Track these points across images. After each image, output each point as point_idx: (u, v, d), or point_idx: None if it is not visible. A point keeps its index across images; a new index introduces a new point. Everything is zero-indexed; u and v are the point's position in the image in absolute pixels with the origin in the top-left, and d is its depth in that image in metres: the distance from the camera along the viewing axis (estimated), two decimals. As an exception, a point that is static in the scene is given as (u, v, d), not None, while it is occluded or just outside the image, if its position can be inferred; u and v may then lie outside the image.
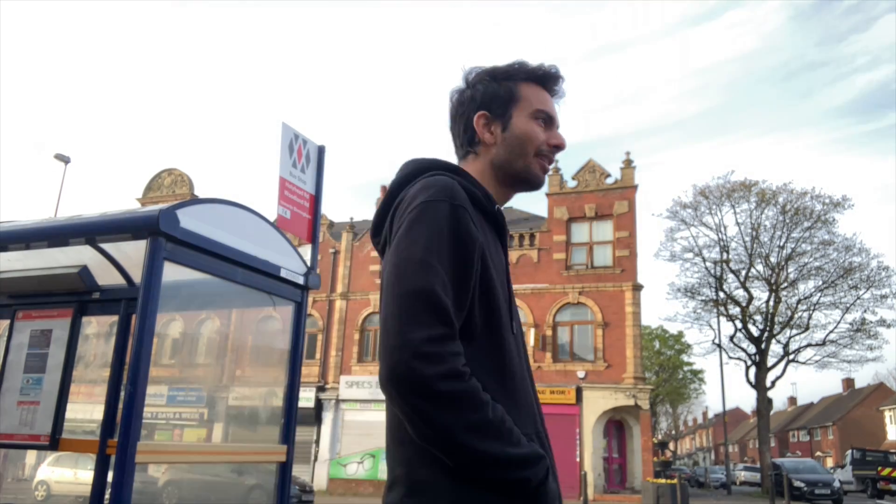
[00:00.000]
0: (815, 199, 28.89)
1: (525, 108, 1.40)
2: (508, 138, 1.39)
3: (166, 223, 2.74)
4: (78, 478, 14.69)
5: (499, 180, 1.42)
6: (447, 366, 1.07)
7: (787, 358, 30.20)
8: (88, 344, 3.74)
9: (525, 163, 1.40)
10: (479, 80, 1.44)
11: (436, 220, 1.18)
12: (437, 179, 1.25)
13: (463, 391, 1.07)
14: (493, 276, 1.23)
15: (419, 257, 1.14)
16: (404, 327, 1.08)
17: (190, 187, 30.24)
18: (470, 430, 1.07)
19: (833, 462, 52.87)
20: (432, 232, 1.16)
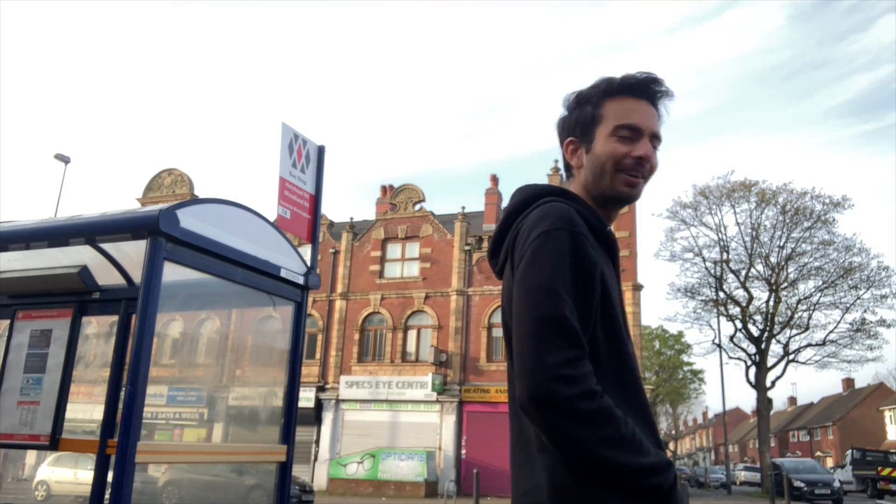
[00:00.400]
0: (815, 199, 28.91)
1: (606, 126, 1.42)
2: (590, 160, 1.43)
3: (166, 223, 2.74)
4: (78, 478, 14.69)
5: (593, 199, 1.45)
6: (583, 386, 1.16)
7: (787, 358, 30.19)
8: (88, 344, 3.74)
9: (608, 182, 1.41)
10: (569, 106, 1.49)
11: (559, 249, 1.24)
12: (554, 207, 1.32)
13: (598, 409, 1.16)
14: (613, 297, 1.31)
15: (548, 286, 1.21)
16: (541, 352, 1.17)
17: (190, 187, 30.25)
18: (606, 444, 1.15)
19: (833, 462, 52.87)
20: (557, 261, 1.23)
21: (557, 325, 1.18)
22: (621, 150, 1.39)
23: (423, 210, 28.19)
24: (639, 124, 1.40)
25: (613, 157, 1.40)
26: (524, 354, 1.19)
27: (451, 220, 28.17)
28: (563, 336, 1.18)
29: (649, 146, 1.42)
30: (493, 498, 22.25)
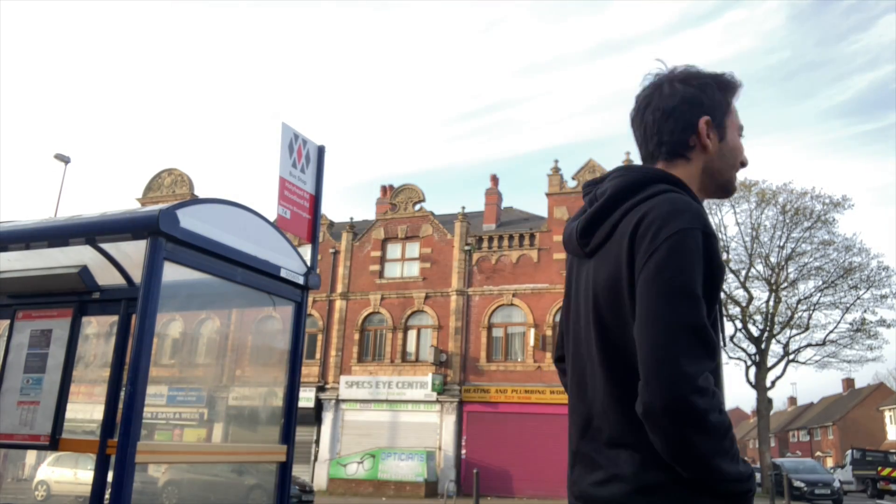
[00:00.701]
0: (814, 199, 28.92)
1: (734, 121, 1.45)
2: (724, 149, 1.42)
3: (166, 223, 2.74)
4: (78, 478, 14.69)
5: (703, 187, 1.44)
6: (715, 399, 1.16)
7: (787, 358, 30.20)
8: (88, 344, 3.74)
9: (732, 175, 1.45)
10: (705, 85, 1.43)
11: (696, 252, 1.21)
12: (683, 201, 1.27)
13: (722, 422, 1.17)
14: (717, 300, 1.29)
15: (690, 290, 1.19)
16: (681, 361, 1.15)
17: (190, 187, 30.26)
18: (721, 454, 1.17)
19: (833, 462, 52.88)
20: (695, 263, 1.21)
21: (698, 334, 1.17)
22: (741, 149, 1.46)
23: (423, 210, 28.19)
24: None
25: (741, 154, 1.45)
26: (661, 360, 1.16)
27: (451, 220, 28.17)
28: (703, 346, 1.17)
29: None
30: (493, 498, 22.26)
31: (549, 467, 22.61)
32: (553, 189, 25.99)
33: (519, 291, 25.33)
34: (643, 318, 1.20)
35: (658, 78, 1.47)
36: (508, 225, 29.21)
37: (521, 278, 25.44)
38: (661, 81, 1.45)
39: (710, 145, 1.41)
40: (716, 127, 1.41)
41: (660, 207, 1.26)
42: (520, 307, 25.29)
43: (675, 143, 1.41)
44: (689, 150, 1.41)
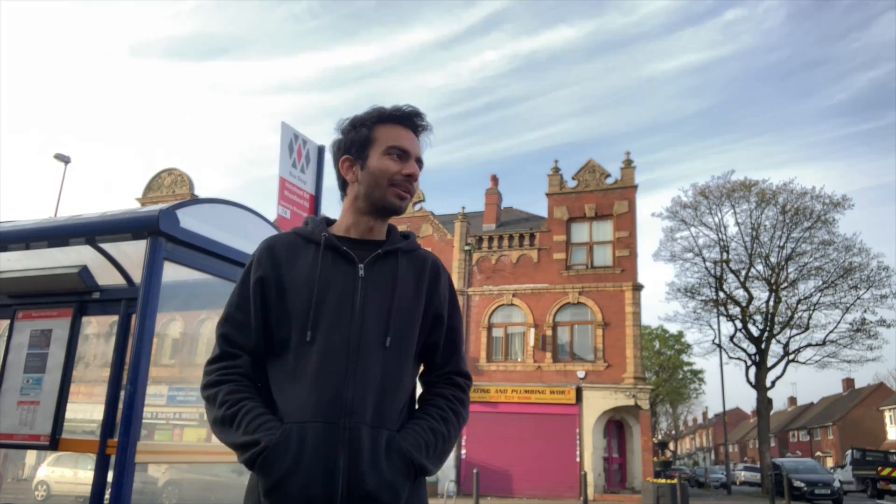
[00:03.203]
0: (814, 199, 28.92)
1: (379, 147, 1.62)
2: (365, 175, 1.62)
3: (166, 223, 2.74)
4: (78, 478, 14.68)
5: (362, 211, 1.64)
6: (205, 380, 1.51)
7: (787, 358, 30.20)
8: (88, 344, 3.73)
9: (380, 193, 1.61)
10: (344, 130, 1.68)
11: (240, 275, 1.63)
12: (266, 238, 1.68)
13: (208, 396, 1.50)
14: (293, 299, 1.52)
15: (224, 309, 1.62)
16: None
17: (190, 187, 30.25)
18: (214, 423, 1.47)
19: (833, 462, 52.86)
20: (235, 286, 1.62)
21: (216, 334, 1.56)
22: (393, 168, 1.61)
23: (423, 210, 28.18)
24: (407, 147, 1.63)
25: (387, 171, 1.60)
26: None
27: (451, 220, 28.15)
28: (216, 342, 1.55)
29: (416, 167, 1.64)
30: (493, 498, 22.25)
31: (549, 467, 22.61)
32: (553, 189, 25.98)
33: (519, 291, 25.32)
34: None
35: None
36: (508, 225, 29.19)
37: (521, 278, 25.42)
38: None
39: (352, 177, 1.64)
40: (358, 160, 1.63)
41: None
42: (520, 307, 25.28)
43: (339, 187, 1.71)
44: (346, 187, 1.67)
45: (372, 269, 1.59)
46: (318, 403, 1.43)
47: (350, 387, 1.46)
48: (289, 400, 1.45)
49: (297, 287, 1.53)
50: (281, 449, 1.39)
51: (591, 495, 20.69)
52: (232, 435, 1.42)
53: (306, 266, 1.55)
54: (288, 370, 1.48)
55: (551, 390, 23.47)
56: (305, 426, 1.41)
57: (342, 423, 1.42)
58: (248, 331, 1.53)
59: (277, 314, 1.52)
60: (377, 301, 1.55)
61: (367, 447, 1.42)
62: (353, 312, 1.52)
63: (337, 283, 1.54)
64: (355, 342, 1.50)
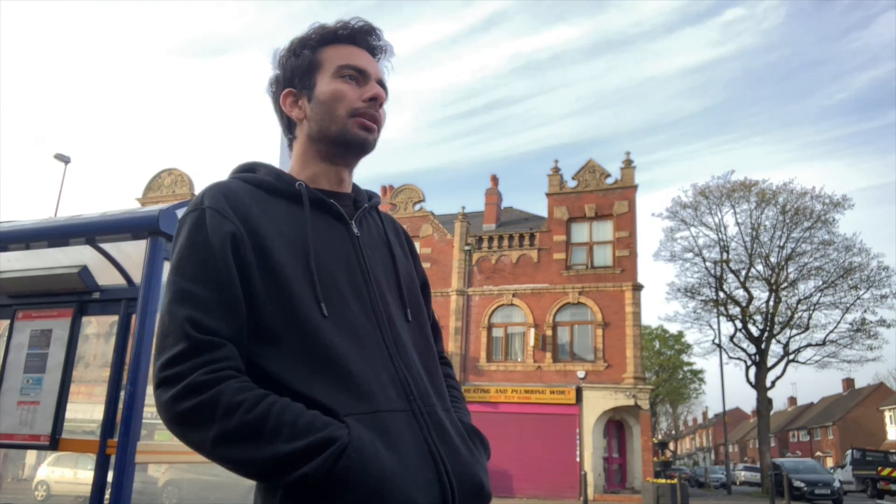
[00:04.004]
0: (814, 199, 28.94)
1: (327, 70, 1.28)
2: (315, 107, 1.28)
3: (166, 223, 2.74)
4: (78, 478, 14.68)
5: (322, 155, 1.30)
6: (183, 383, 1.01)
7: (787, 358, 30.22)
8: (88, 344, 3.74)
9: (339, 126, 1.26)
10: (280, 60, 1.34)
11: (181, 234, 1.15)
12: (205, 188, 1.23)
13: (200, 404, 1.00)
14: (281, 261, 1.13)
15: (169, 279, 1.12)
16: (154, 358, 1.08)
17: (190, 187, 30.26)
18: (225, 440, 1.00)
19: (833, 462, 52.88)
20: (178, 248, 1.14)
21: (165, 321, 1.07)
22: (350, 92, 1.27)
23: (423, 210, 28.19)
24: (363, 66, 1.29)
25: (342, 96, 1.26)
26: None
27: (451, 220, 28.16)
28: (171, 332, 1.05)
29: (380, 88, 1.29)
30: (493, 498, 22.25)
31: (549, 467, 22.60)
32: (553, 189, 25.98)
33: (519, 291, 25.32)
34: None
35: None
36: (508, 225, 29.20)
37: (521, 278, 25.42)
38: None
39: (299, 113, 1.31)
40: (303, 90, 1.30)
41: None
42: (520, 307, 25.28)
43: (285, 131, 1.36)
44: (294, 129, 1.33)
45: (362, 227, 1.30)
46: (379, 389, 1.11)
47: (401, 366, 1.17)
48: (328, 390, 1.07)
49: (282, 247, 1.15)
50: (369, 444, 1.02)
51: (591, 495, 20.69)
52: (266, 446, 0.98)
53: (284, 222, 1.18)
54: (304, 356, 1.09)
55: (551, 390, 23.47)
56: (379, 417, 1.08)
57: (416, 408, 1.14)
58: (224, 310, 1.09)
59: (263, 284, 1.12)
60: (381, 266, 1.28)
61: (453, 431, 1.18)
62: (366, 279, 1.22)
63: (333, 243, 1.22)
64: (383, 315, 1.20)
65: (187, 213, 1.17)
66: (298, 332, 1.10)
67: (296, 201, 1.22)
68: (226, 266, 1.10)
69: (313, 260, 1.16)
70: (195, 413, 1.00)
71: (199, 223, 1.13)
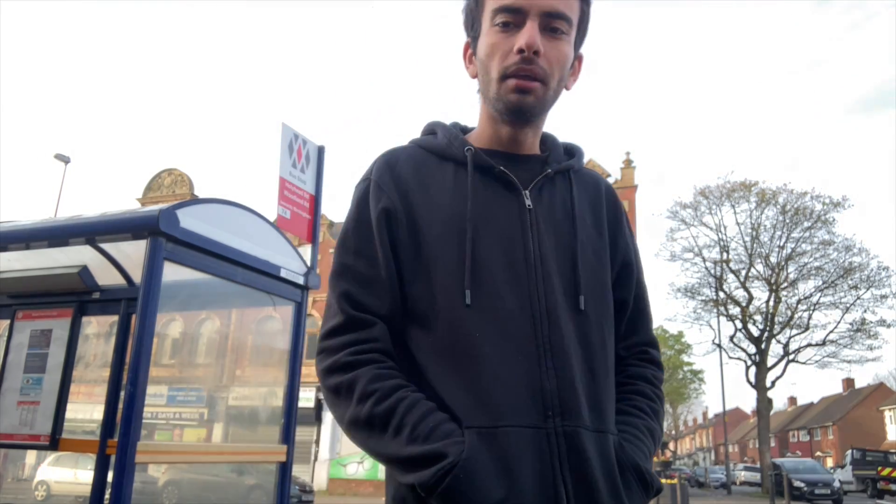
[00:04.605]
0: (814, 199, 28.93)
1: (488, 15, 1.09)
2: (478, 64, 1.12)
3: (166, 223, 2.74)
4: (78, 478, 14.68)
5: (491, 117, 1.14)
6: (333, 358, 1.03)
7: (787, 358, 30.20)
8: (88, 344, 3.74)
9: (493, 91, 1.08)
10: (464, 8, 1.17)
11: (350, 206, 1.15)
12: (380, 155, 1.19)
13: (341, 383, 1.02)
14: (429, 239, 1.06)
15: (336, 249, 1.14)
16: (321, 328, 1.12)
17: (190, 187, 30.26)
18: (353, 425, 1.01)
19: (833, 462, 52.89)
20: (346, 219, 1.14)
21: (331, 293, 1.10)
22: (500, 46, 1.06)
23: (423, 210, 28.19)
24: (518, 3, 1.04)
25: (494, 54, 1.06)
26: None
27: (451, 220, 28.13)
28: (333, 303, 1.08)
29: (535, 31, 1.03)
30: None
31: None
32: (553, 189, 25.99)
33: (519, 291, 25.33)
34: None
35: None
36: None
37: (521, 278, 25.47)
38: None
39: (473, 70, 1.15)
40: (475, 41, 1.13)
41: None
42: (520, 307, 25.28)
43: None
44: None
45: (539, 197, 1.12)
46: (509, 398, 0.97)
47: (550, 371, 1.00)
48: (455, 392, 0.98)
49: (437, 224, 1.06)
50: (481, 466, 0.92)
51: (591, 495, 20.65)
52: (388, 442, 0.96)
53: (447, 193, 1.08)
54: (441, 348, 1.01)
55: (551, 390, 23.48)
56: (502, 433, 0.95)
57: (552, 426, 0.97)
58: (379, 287, 1.05)
59: (412, 264, 1.06)
60: (556, 243, 1.09)
61: (597, 463, 0.98)
62: (528, 262, 1.05)
63: (497, 218, 1.07)
64: (542, 306, 1.03)
65: (358, 182, 1.16)
66: (440, 319, 1.03)
67: (464, 168, 1.11)
68: (381, 242, 1.07)
69: (469, 239, 1.04)
70: (337, 391, 1.02)
71: (364, 196, 1.11)
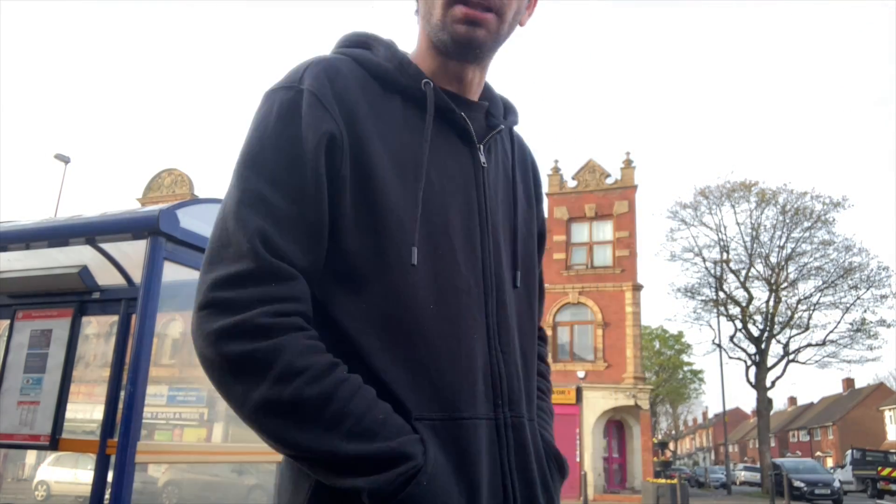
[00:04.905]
0: (814, 199, 28.95)
1: None
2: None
3: (166, 223, 2.74)
4: (78, 478, 14.68)
5: (437, 51, 0.97)
6: (238, 317, 0.76)
7: (787, 358, 30.22)
8: (88, 344, 3.74)
9: (438, 17, 0.92)
10: None
11: (262, 117, 0.87)
12: (307, 60, 0.93)
13: (255, 352, 0.76)
14: (381, 178, 0.86)
15: (236, 170, 0.86)
16: (204, 266, 0.82)
17: (190, 187, 30.25)
18: (268, 409, 0.75)
19: (833, 462, 52.89)
20: (255, 133, 0.86)
21: (227, 225, 0.82)
22: None
23: (423, 210, 28.19)
24: None
25: None
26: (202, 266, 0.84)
27: (451, 220, 28.13)
28: (233, 240, 0.80)
29: None
30: None
31: (549, 467, 22.59)
32: (553, 189, 25.98)
33: (519, 291, 25.33)
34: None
35: None
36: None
37: (521, 278, 25.45)
38: None
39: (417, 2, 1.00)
40: None
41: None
42: (520, 307, 25.28)
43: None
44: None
45: (489, 156, 0.99)
46: (464, 384, 0.85)
47: (498, 353, 0.90)
48: (403, 374, 0.82)
49: (388, 165, 0.87)
50: (441, 470, 0.79)
51: (591, 495, 20.70)
52: (321, 435, 0.75)
53: (398, 129, 0.91)
54: (379, 316, 0.84)
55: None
56: (459, 426, 0.83)
57: (501, 416, 0.88)
58: (302, 232, 0.83)
59: (350, 209, 0.85)
60: (501, 210, 0.98)
61: (534, 456, 0.92)
62: (483, 228, 0.93)
63: (452, 172, 0.93)
64: (492, 279, 0.92)
65: (277, 88, 0.89)
66: (380, 282, 0.84)
67: (416, 104, 0.93)
68: (316, 175, 0.83)
69: (422, 189, 0.88)
70: (245, 362, 0.76)
71: (293, 108, 0.85)
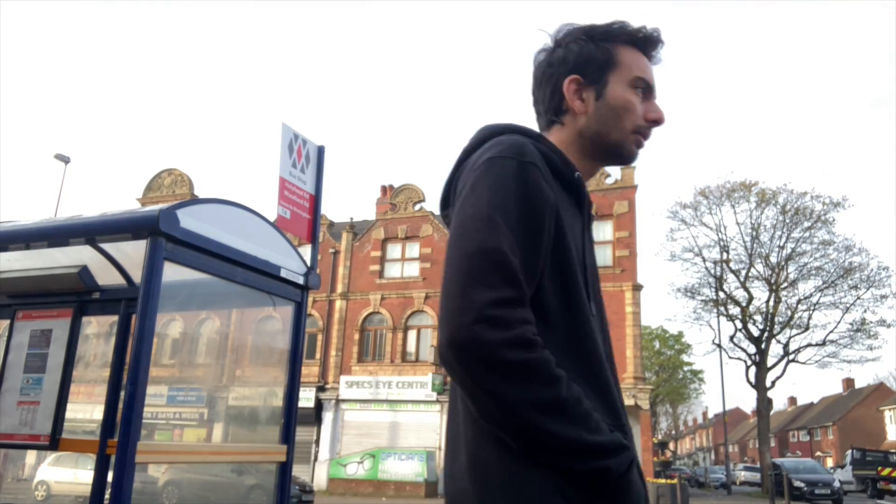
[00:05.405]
0: (814, 199, 28.96)
1: (624, 74, 1.22)
2: (602, 108, 1.22)
3: (166, 223, 2.74)
4: (78, 478, 14.68)
5: (586, 152, 1.25)
6: (515, 332, 0.94)
7: (787, 358, 30.22)
8: (88, 344, 3.74)
9: (620, 137, 1.23)
10: (572, 40, 1.24)
11: (502, 177, 1.05)
12: (506, 138, 1.13)
13: (530, 361, 0.94)
14: (570, 245, 1.09)
15: (484, 213, 1.02)
16: (468, 289, 0.96)
17: (190, 187, 30.24)
18: (538, 407, 0.93)
19: (833, 462, 52.87)
20: (498, 188, 1.04)
21: (491, 258, 0.98)
22: (640, 108, 1.23)
23: (423, 210, 28.18)
24: (653, 83, 1.25)
25: (633, 111, 1.22)
26: (448, 294, 0.99)
27: (451, 220, 28.13)
28: (498, 271, 0.97)
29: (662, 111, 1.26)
30: None
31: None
32: (553, 189, 25.99)
33: (519, 291, 25.32)
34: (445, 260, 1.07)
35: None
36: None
37: (521, 278, 25.45)
38: (537, 51, 1.31)
39: (581, 106, 1.23)
40: (591, 84, 1.22)
41: (479, 151, 1.15)
42: (520, 307, 25.27)
43: (548, 111, 1.27)
44: (563, 115, 1.25)
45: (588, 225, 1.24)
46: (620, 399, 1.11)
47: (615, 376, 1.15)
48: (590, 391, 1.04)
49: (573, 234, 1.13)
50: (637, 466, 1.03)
51: (591, 495, 20.66)
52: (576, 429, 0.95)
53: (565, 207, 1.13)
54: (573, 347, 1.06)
55: (551, 390, 23.47)
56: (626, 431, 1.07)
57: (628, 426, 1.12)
58: (532, 277, 1.03)
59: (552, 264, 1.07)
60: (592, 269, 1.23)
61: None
62: (594, 284, 1.17)
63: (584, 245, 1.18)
64: (605, 321, 1.19)
65: (503, 156, 1.08)
66: (572, 319, 1.06)
67: (569, 189, 1.16)
68: (547, 233, 1.05)
69: (588, 256, 1.16)
70: (523, 368, 0.94)
71: (525, 176, 1.05)
